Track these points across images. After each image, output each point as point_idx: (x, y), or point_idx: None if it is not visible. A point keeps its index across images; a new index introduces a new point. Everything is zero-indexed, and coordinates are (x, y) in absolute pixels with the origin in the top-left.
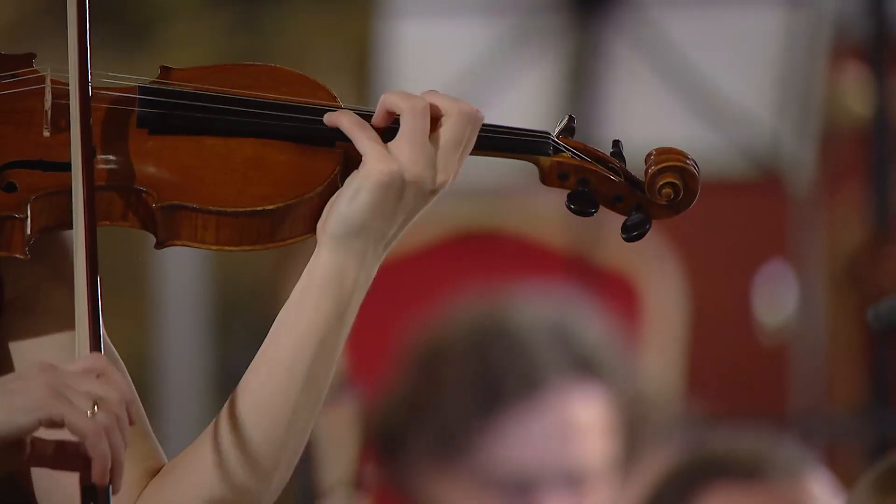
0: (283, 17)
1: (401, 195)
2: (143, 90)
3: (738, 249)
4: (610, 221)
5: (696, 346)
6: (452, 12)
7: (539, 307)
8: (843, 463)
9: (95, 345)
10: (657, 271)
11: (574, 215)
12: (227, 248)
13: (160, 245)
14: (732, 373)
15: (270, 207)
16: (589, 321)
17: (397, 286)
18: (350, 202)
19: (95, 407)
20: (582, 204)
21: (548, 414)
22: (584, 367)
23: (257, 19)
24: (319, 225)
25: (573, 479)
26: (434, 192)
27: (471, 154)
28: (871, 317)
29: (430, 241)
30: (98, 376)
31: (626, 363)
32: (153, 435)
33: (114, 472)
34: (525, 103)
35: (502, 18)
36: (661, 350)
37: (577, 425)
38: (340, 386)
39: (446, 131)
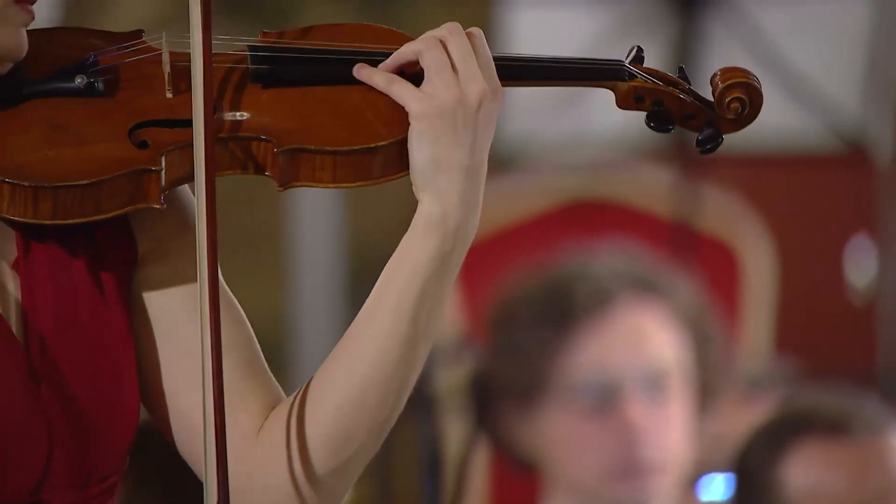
0: (408, 4)
1: (453, 120)
2: (252, 48)
3: (827, 217)
4: (710, 192)
5: (789, 307)
6: (563, 2)
7: (614, 256)
8: None
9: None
10: (753, 238)
11: (654, 132)
12: (343, 184)
13: (283, 187)
14: (822, 332)
15: (382, 144)
16: (659, 262)
17: (511, 253)
18: (417, 150)
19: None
20: (660, 121)
21: (621, 324)
22: (649, 289)
23: (384, 6)
24: (413, 186)
25: (653, 382)
26: (479, 105)
27: (556, 84)
28: None
29: (544, 210)
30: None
31: (691, 288)
32: (270, 374)
33: None
34: None
35: (609, 8)
36: (756, 310)
37: (648, 334)
38: (457, 346)
39: (453, 51)
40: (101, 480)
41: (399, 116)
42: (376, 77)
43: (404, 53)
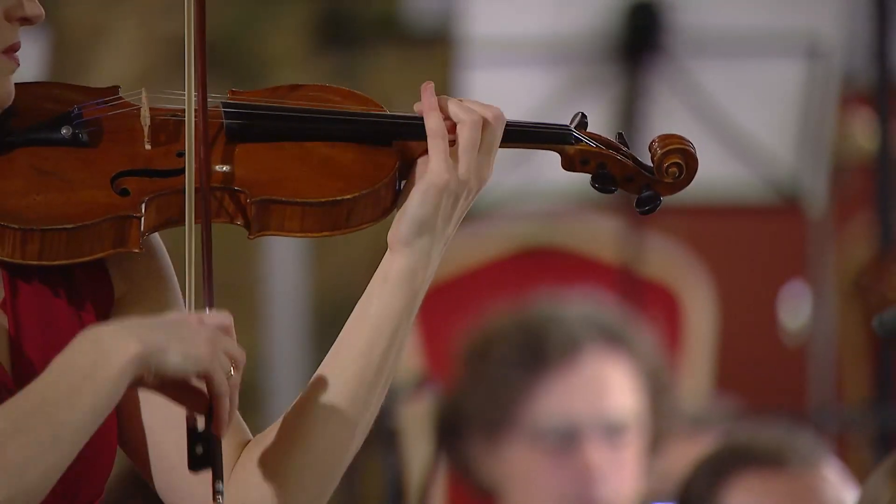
0: (374, 66)
1: (457, 199)
2: (225, 105)
3: (762, 265)
4: (654, 240)
5: (727, 349)
6: (518, 63)
7: (584, 304)
8: (852, 451)
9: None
10: (694, 283)
11: (598, 193)
12: (310, 234)
13: (253, 235)
14: (757, 371)
15: (347, 197)
16: (626, 314)
17: (466, 296)
18: (420, 206)
19: (232, 367)
20: (603, 183)
21: (587, 372)
22: (616, 340)
23: (351, 69)
24: (391, 233)
25: (611, 429)
26: (477, 191)
27: (508, 146)
28: (876, 324)
29: (498, 256)
30: (226, 333)
31: (652, 342)
32: (239, 414)
33: (226, 427)
34: None
35: (560, 68)
36: (696, 351)
37: (611, 384)
38: (418, 383)
39: (490, 138)
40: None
41: (364, 171)
42: (433, 116)
43: (450, 109)
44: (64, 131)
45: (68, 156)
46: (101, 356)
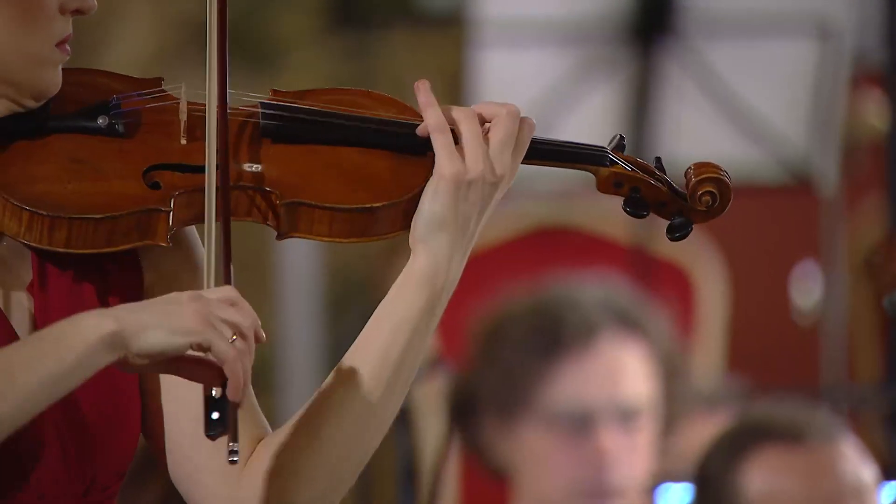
0: (386, 47)
1: (468, 191)
2: (264, 105)
3: (774, 245)
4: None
5: (739, 328)
6: (530, 44)
7: (599, 288)
8: (864, 430)
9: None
10: (706, 263)
11: (630, 217)
12: (337, 239)
13: (281, 237)
14: (769, 350)
15: (378, 205)
16: (640, 297)
17: (482, 276)
18: (431, 202)
19: (234, 334)
20: (635, 207)
21: (602, 357)
22: (631, 325)
23: (363, 49)
24: (411, 233)
25: (625, 414)
26: (495, 185)
27: (542, 164)
28: (886, 303)
29: (513, 236)
30: (232, 305)
31: (666, 326)
32: (259, 409)
33: (243, 392)
34: (592, 123)
35: (573, 49)
36: (708, 331)
37: (626, 370)
38: (433, 363)
39: (498, 132)
40: (101, 490)
41: (397, 180)
42: (432, 111)
43: (454, 112)
44: (101, 121)
45: (103, 145)
46: (72, 329)
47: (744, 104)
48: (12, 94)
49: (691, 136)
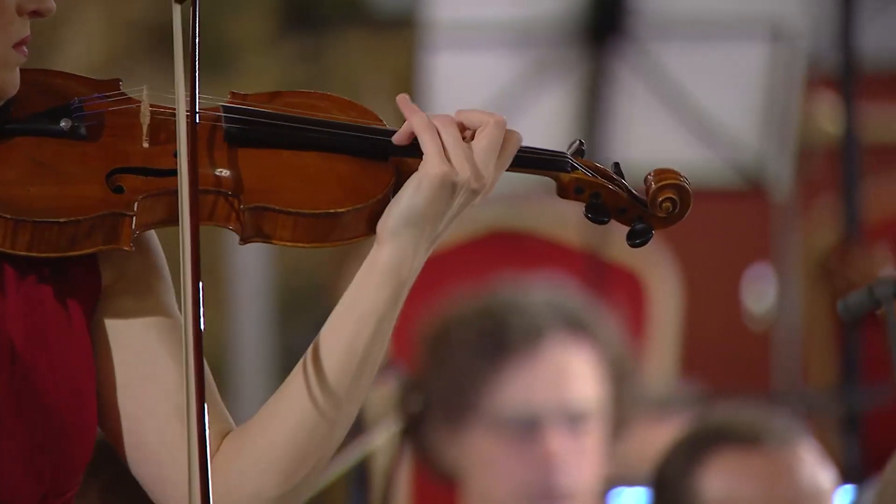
0: (339, 50)
1: (452, 194)
2: (226, 109)
3: (727, 249)
4: (619, 224)
5: (692, 333)
6: (482, 46)
7: (547, 291)
8: (818, 435)
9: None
10: (659, 267)
11: (590, 223)
12: (299, 244)
13: (244, 241)
14: (722, 354)
15: (341, 210)
16: (589, 300)
17: (433, 279)
18: (412, 196)
19: None
20: (596, 213)
21: (549, 361)
22: (578, 328)
23: (317, 52)
24: (380, 223)
25: (573, 417)
26: (476, 192)
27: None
28: (840, 308)
29: (464, 239)
30: None
31: (615, 328)
32: (222, 403)
33: None
34: (544, 125)
35: (525, 52)
36: (661, 335)
37: (573, 373)
38: (384, 367)
39: (483, 139)
40: (58, 496)
41: (360, 185)
42: (416, 117)
43: (436, 117)
44: (63, 124)
45: (66, 148)
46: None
47: (696, 107)
48: None
49: (644, 140)
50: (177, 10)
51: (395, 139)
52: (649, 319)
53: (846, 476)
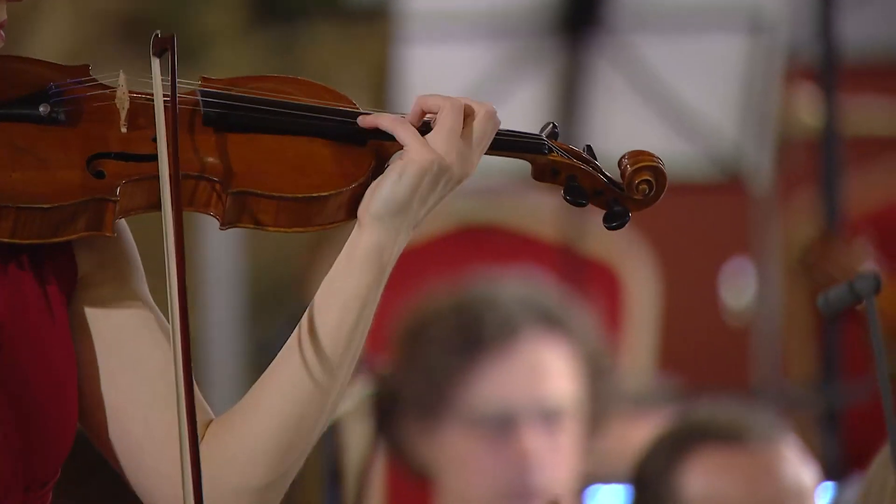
0: (312, 42)
1: (436, 181)
2: (204, 93)
3: (705, 243)
4: (595, 217)
5: (669, 328)
6: (457, 38)
7: (522, 286)
8: (798, 430)
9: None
10: (636, 261)
11: (569, 206)
12: (281, 229)
13: (224, 226)
14: (700, 350)
15: (323, 194)
16: (564, 295)
17: (406, 274)
18: (395, 184)
19: None
20: (575, 196)
21: (524, 357)
22: (554, 323)
23: (290, 44)
24: (362, 207)
25: (548, 414)
26: (459, 181)
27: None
28: (820, 302)
29: (437, 233)
30: None
31: (591, 324)
32: (200, 393)
33: None
34: (520, 117)
35: (500, 43)
36: (638, 330)
37: (549, 369)
38: (358, 362)
39: (475, 128)
40: (41, 486)
41: (341, 169)
42: (382, 119)
43: (429, 103)
44: (42, 109)
45: (45, 134)
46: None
47: (674, 99)
48: None
49: (621, 131)
50: None
51: (360, 122)
52: (626, 314)
53: (826, 473)
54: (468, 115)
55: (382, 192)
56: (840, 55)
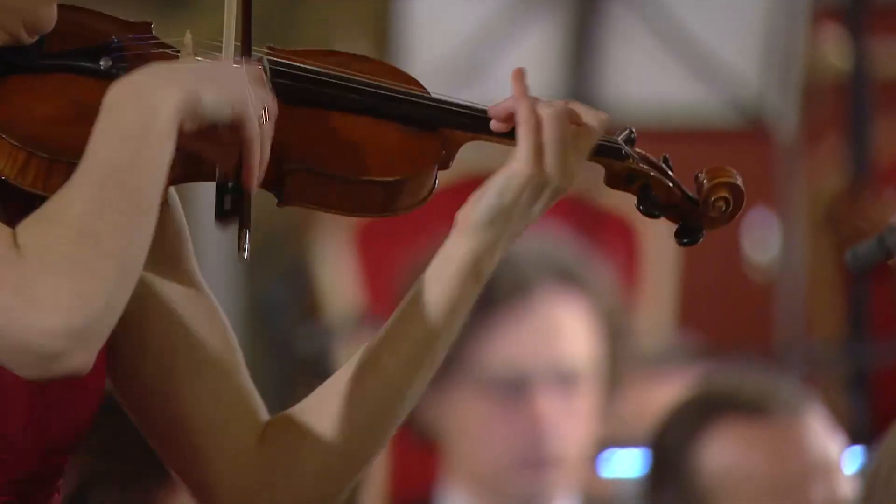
0: None
1: (539, 196)
2: (272, 62)
3: None
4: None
5: (689, 284)
6: None
7: (536, 241)
8: (824, 392)
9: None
10: None
11: (642, 216)
12: (342, 212)
13: (284, 204)
14: (722, 307)
15: (390, 179)
16: (580, 251)
17: (408, 228)
18: (500, 195)
19: (264, 114)
20: (648, 206)
21: (538, 317)
22: (570, 280)
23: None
24: (463, 214)
25: (564, 377)
26: (562, 191)
27: None
28: (848, 257)
29: (444, 185)
30: (262, 85)
31: (609, 281)
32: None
33: (259, 178)
34: (529, 64)
35: None
36: (656, 286)
37: (564, 329)
38: (359, 320)
39: (585, 142)
40: (61, 452)
41: (409, 155)
42: (524, 104)
43: (546, 105)
44: (102, 63)
45: (104, 89)
46: (148, 113)
47: (693, 41)
48: (7, 25)
49: (636, 77)
50: None
51: (493, 127)
52: (644, 270)
53: (853, 436)
54: (576, 122)
55: (486, 202)
56: None
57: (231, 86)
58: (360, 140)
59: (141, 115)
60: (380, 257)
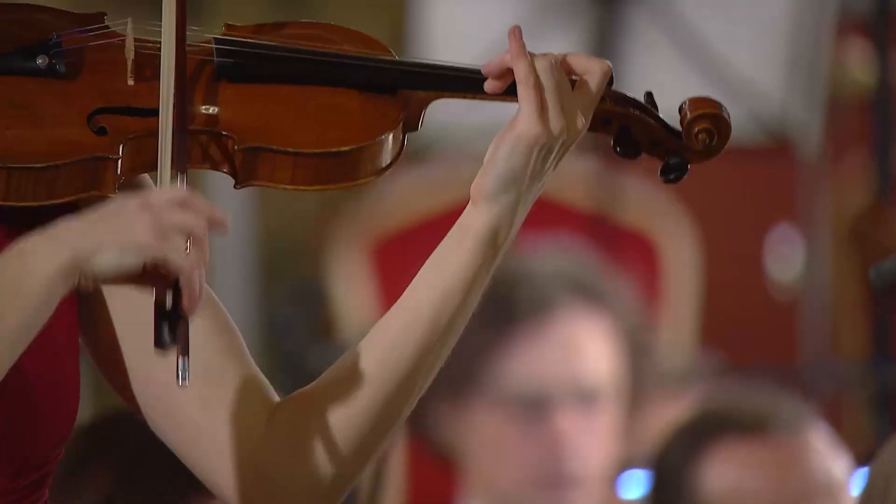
0: None
1: (549, 154)
2: (218, 41)
3: (750, 211)
4: (631, 182)
5: (711, 301)
6: None
7: (557, 258)
8: (848, 412)
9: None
10: (675, 230)
11: (619, 157)
12: (301, 187)
13: (239, 185)
14: (744, 325)
15: (345, 149)
16: (598, 264)
17: (426, 245)
18: (509, 158)
19: (189, 242)
20: (626, 147)
21: (559, 334)
22: (590, 297)
23: None
24: (475, 186)
25: (584, 396)
26: (572, 142)
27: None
28: (872, 274)
29: (457, 202)
30: (182, 206)
31: (630, 298)
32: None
33: (198, 303)
34: None
35: None
36: (677, 304)
37: (585, 347)
38: None
39: (589, 89)
40: (34, 469)
41: (367, 122)
42: (522, 62)
43: (541, 60)
44: (40, 61)
45: (43, 88)
46: (25, 271)
47: (717, 55)
48: None
49: (657, 90)
50: None
51: (489, 87)
52: (665, 287)
53: (874, 457)
54: (579, 72)
55: (495, 170)
56: (894, 8)
57: (135, 234)
58: (316, 111)
59: (18, 273)
60: (396, 274)
